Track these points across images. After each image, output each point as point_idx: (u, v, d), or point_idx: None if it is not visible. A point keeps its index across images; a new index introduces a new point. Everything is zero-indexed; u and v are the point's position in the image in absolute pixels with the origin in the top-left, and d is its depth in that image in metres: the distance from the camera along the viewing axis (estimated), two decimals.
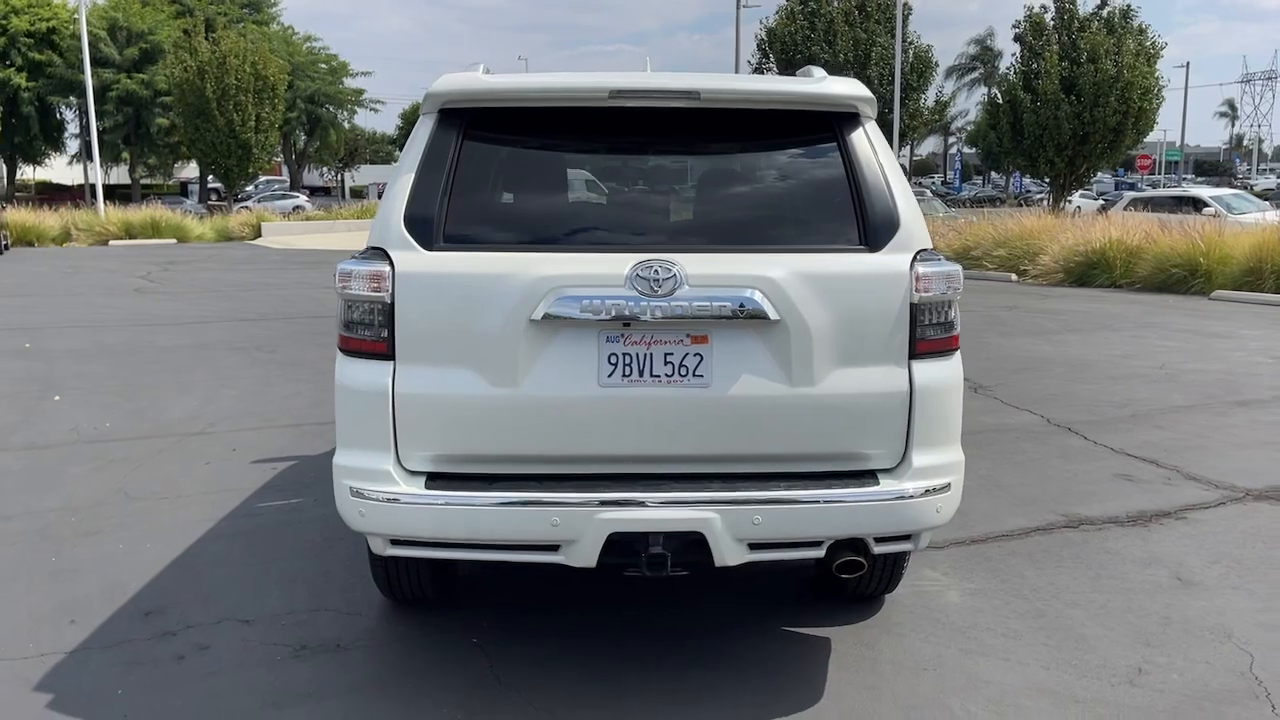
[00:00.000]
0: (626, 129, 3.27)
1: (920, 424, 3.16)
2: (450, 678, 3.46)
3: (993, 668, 3.54)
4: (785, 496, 3.05)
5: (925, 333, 3.18)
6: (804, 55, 32.51)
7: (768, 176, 3.41)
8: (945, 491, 3.19)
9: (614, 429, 3.08)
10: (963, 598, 4.14)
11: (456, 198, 3.14)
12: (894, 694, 3.36)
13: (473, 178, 3.19)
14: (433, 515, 3.04)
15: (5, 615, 3.90)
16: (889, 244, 3.16)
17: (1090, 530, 4.94)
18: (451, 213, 3.13)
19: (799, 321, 3.06)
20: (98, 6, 52.87)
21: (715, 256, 3.08)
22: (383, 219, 3.14)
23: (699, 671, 3.50)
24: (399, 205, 3.12)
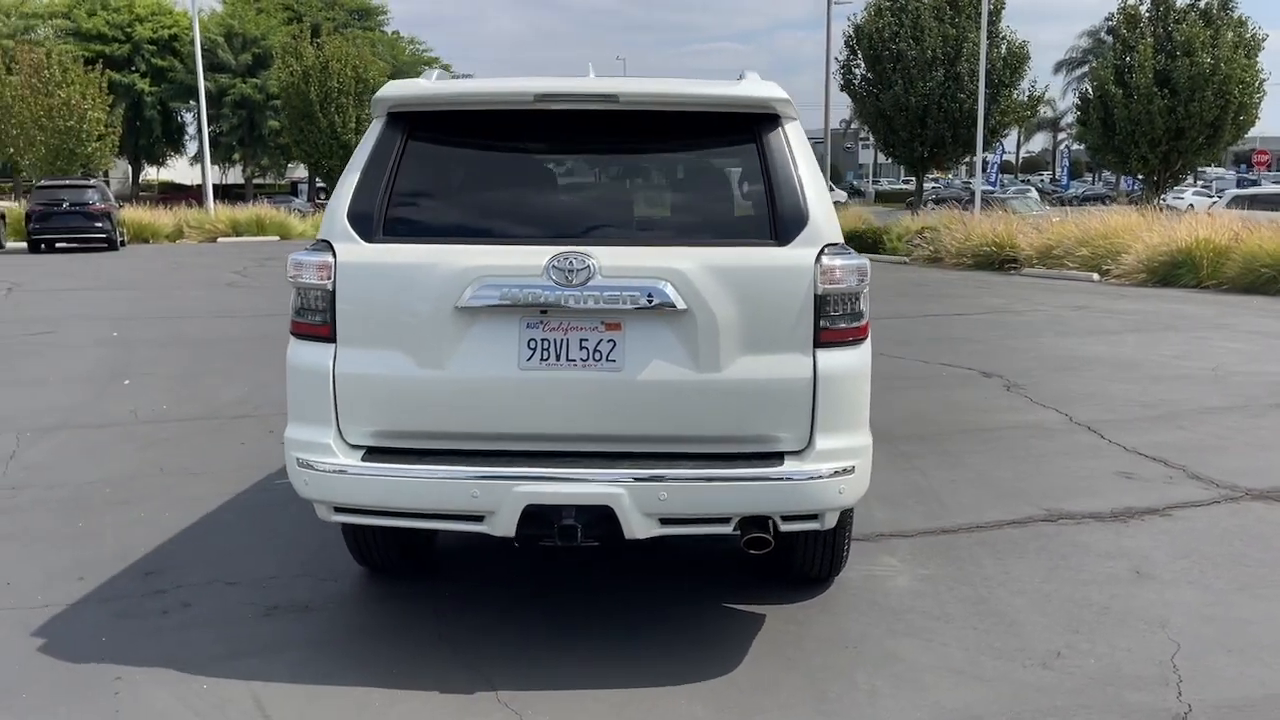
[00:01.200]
0: (555, 130, 3.52)
1: (824, 409, 3.33)
2: (400, 638, 3.76)
3: (912, 647, 3.67)
4: (689, 475, 3.26)
5: (830, 323, 3.35)
6: (891, 51, 32.22)
7: (685, 174, 3.62)
8: (849, 474, 3.35)
9: (532, 409, 3.33)
10: (911, 583, 4.27)
11: (397, 194, 3.44)
12: (808, 667, 3.52)
13: (413, 176, 3.47)
14: (366, 485, 3.34)
15: (25, 571, 4.34)
16: (797, 239, 3.34)
17: (1067, 524, 4.99)
18: (391, 208, 3.42)
19: (706, 311, 3.27)
20: (216, 14, 55.38)
21: (629, 249, 3.31)
22: (330, 213, 3.46)
23: (632, 641, 3.71)
24: (344, 201, 3.43)
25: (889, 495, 5.44)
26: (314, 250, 3.42)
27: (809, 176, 3.43)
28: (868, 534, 4.82)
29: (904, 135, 33.21)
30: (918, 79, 32.02)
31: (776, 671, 3.48)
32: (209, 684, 3.36)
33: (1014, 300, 14.82)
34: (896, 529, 4.91)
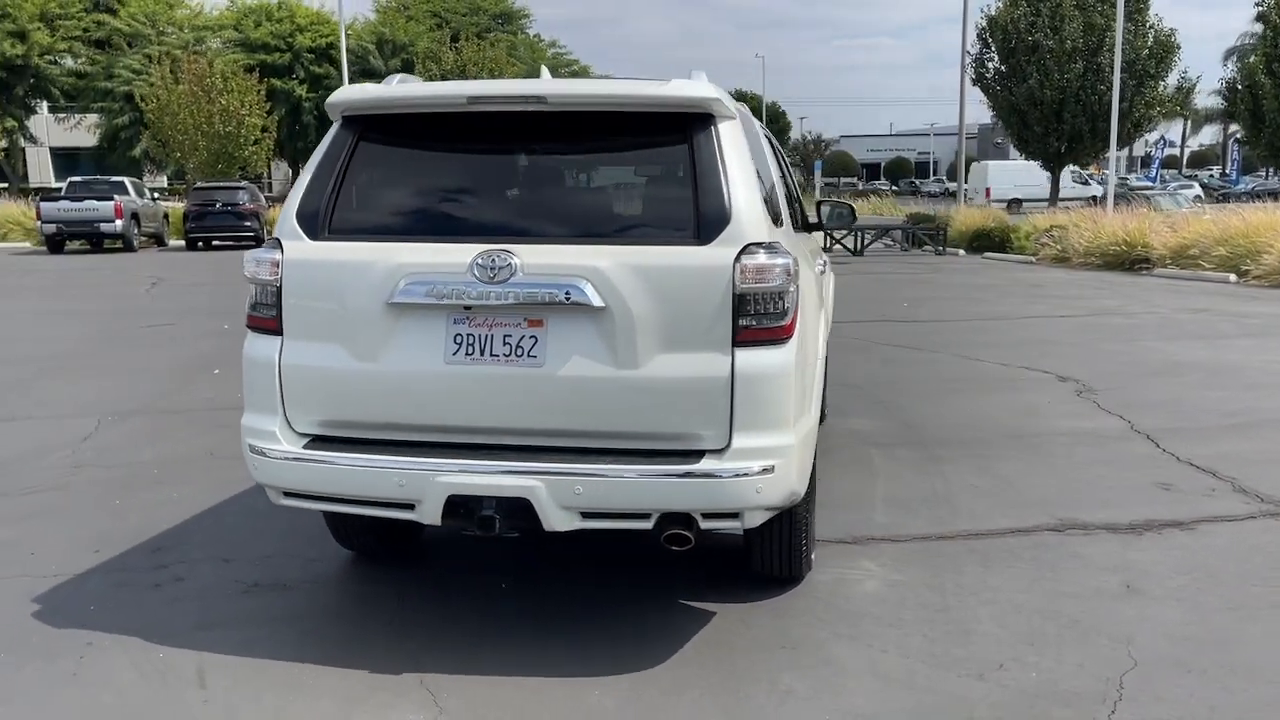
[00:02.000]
0: (491, 132, 3.63)
1: (742, 408, 3.33)
2: (358, 619, 3.95)
3: (850, 652, 3.63)
4: (605, 470, 3.31)
5: (749, 321, 3.34)
6: (1026, 43, 30.98)
7: (614, 174, 3.67)
8: (768, 474, 3.34)
9: (458, 402, 3.45)
10: (879, 588, 4.20)
11: (344, 194, 3.61)
12: (734, 666, 3.52)
13: (359, 177, 3.64)
14: (308, 472, 3.52)
15: (52, 542, 4.73)
16: (718, 238, 3.35)
17: (1074, 535, 4.79)
18: (338, 207, 3.60)
19: (624, 309, 3.31)
20: (369, 22, 57.76)
21: (552, 247, 3.39)
22: (283, 212, 3.66)
23: (572, 634, 3.77)
24: (295, 201, 3.63)
25: (899, 499, 5.35)
26: (267, 248, 3.63)
27: (739, 175, 3.43)
28: (858, 537, 4.76)
29: (1038, 130, 31.91)
30: (1054, 71, 30.69)
31: (701, 670, 3.50)
32: (165, 653, 3.61)
33: (1129, 302, 14.14)
34: (891, 533, 4.82)
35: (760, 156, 4.09)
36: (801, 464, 3.53)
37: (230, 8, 57.66)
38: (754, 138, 4.02)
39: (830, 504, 5.26)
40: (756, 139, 4.14)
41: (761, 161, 4.09)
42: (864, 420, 7.12)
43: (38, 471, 5.96)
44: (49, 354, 10.34)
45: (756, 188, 3.49)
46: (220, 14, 57.76)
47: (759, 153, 4.06)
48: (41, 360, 9.90)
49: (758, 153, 4.00)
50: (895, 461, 6.09)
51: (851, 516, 5.07)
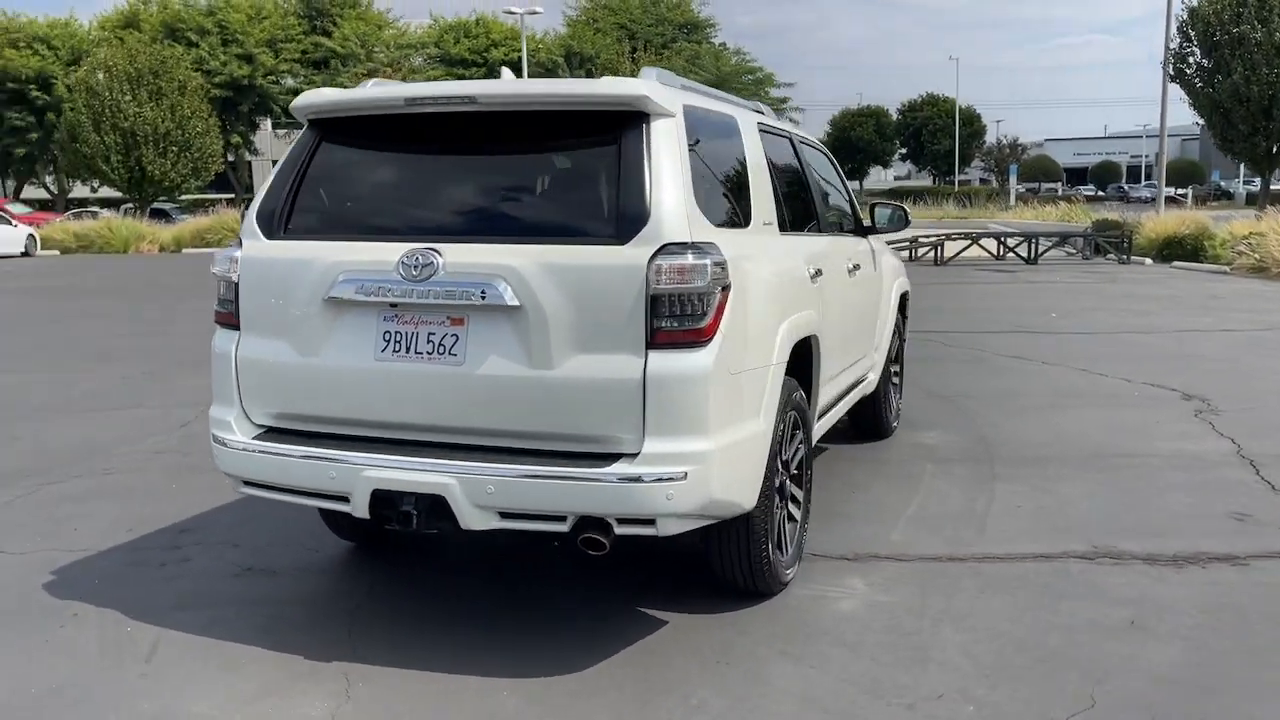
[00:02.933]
0: (432, 133, 3.67)
1: (654, 413, 3.24)
2: (326, 606, 4.07)
3: (786, 670, 3.46)
4: (517, 470, 3.29)
5: (664, 324, 3.25)
6: (1230, 36, 28.55)
7: (542, 172, 3.63)
8: (680, 480, 3.23)
9: (386, 398, 3.51)
10: (856, 608, 3.98)
11: (301, 195, 3.74)
12: (658, 676, 3.42)
13: (316, 177, 3.76)
14: (258, 463, 3.66)
15: (96, 521, 5.09)
16: (636, 237, 3.27)
17: (1104, 564, 4.40)
18: (295, 208, 3.73)
19: (538, 309, 3.29)
20: (560, 35, 59.50)
21: (474, 247, 3.40)
22: (249, 212, 3.82)
23: (512, 635, 3.75)
24: (257, 201, 3.78)
25: (928, 517, 5.06)
26: (233, 247, 3.80)
27: (667, 174, 3.34)
28: (860, 554, 4.54)
29: (1243, 129, 29.36)
30: (1261, 65, 28.16)
31: (620, 678, 3.42)
32: (132, 628, 3.83)
33: None
34: (899, 552, 4.56)
35: (728, 155, 3.97)
36: (727, 473, 3.39)
37: (432, 26, 60.68)
38: (716, 135, 3.91)
39: (850, 517, 5.04)
40: (726, 137, 4.01)
41: (729, 160, 3.97)
42: (938, 434, 6.77)
43: (125, 455, 6.44)
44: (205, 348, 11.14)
45: (687, 187, 3.38)
46: (424, 32, 60.86)
47: (724, 151, 3.95)
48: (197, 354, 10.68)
49: (719, 151, 3.89)
50: (946, 478, 5.76)
51: (866, 531, 4.83)
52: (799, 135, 5.26)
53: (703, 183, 3.59)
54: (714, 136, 3.89)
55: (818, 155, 5.63)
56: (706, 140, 3.78)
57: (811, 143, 5.63)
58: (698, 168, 3.59)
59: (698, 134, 3.66)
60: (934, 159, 76.68)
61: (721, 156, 3.93)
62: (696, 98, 3.85)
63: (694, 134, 3.61)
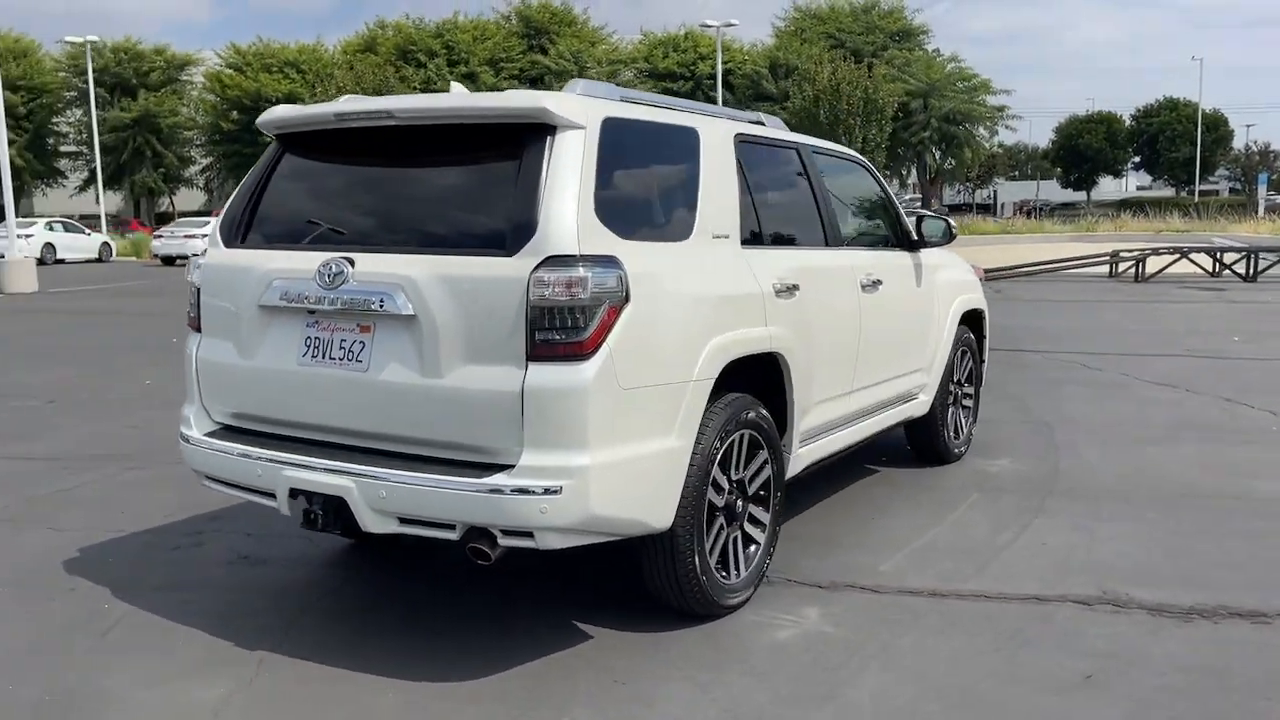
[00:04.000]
0: (361, 147, 3.81)
1: (531, 425, 3.23)
2: (285, 598, 4.26)
3: (677, 693, 3.36)
4: (407, 476, 3.36)
5: (545, 336, 3.23)
6: None
7: (450, 184, 3.66)
8: (554, 494, 3.21)
9: (306, 401, 3.66)
10: (791, 637, 3.81)
11: (259, 206, 3.96)
12: (546, 689, 3.40)
13: (273, 189, 3.97)
14: (207, 458, 3.90)
15: (143, 505, 5.53)
16: (523, 249, 3.27)
17: (1100, 612, 4.02)
18: (253, 218, 3.96)
19: (430, 318, 3.35)
20: (767, 47, 59.42)
21: (381, 256, 3.50)
22: (217, 221, 4.08)
23: (429, 640, 3.80)
24: (223, 211, 4.03)
25: (933, 548, 4.77)
26: (199, 256, 4.07)
27: (562, 186, 3.32)
28: (835, 583, 4.34)
29: None
30: None
31: (508, 688, 3.41)
32: (109, 605, 4.15)
33: None
34: (879, 584, 4.32)
35: (672, 167, 3.90)
36: (615, 489, 3.33)
37: (642, 41, 61.98)
38: (656, 146, 3.85)
39: (850, 545, 4.82)
40: (672, 148, 3.94)
41: (673, 172, 3.90)
42: (1008, 462, 6.34)
43: None
44: None
45: (586, 199, 3.34)
46: (634, 47, 62.24)
47: (666, 163, 3.88)
48: None
49: (658, 163, 3.83)
50: (983, 509, 5.40)
51: (859, 560, 4.60)
52: (815, 147, 5.08)
53: (619, 195, 3.55)
54: (652, 148, 3.83)
55: (843, 168, 5.42)
56: (638, 152, 3.73)
57: (838, 155, 5.43)
58: (615, 180, 3.55)
59: (624, 146, 3.62)
60: (1171, 167, 71.44)
61: (661, 168, 3.87)
62: (629, 109, 3.80)
63: (617, 146, 3.57)
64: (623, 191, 3.58)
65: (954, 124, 56.01)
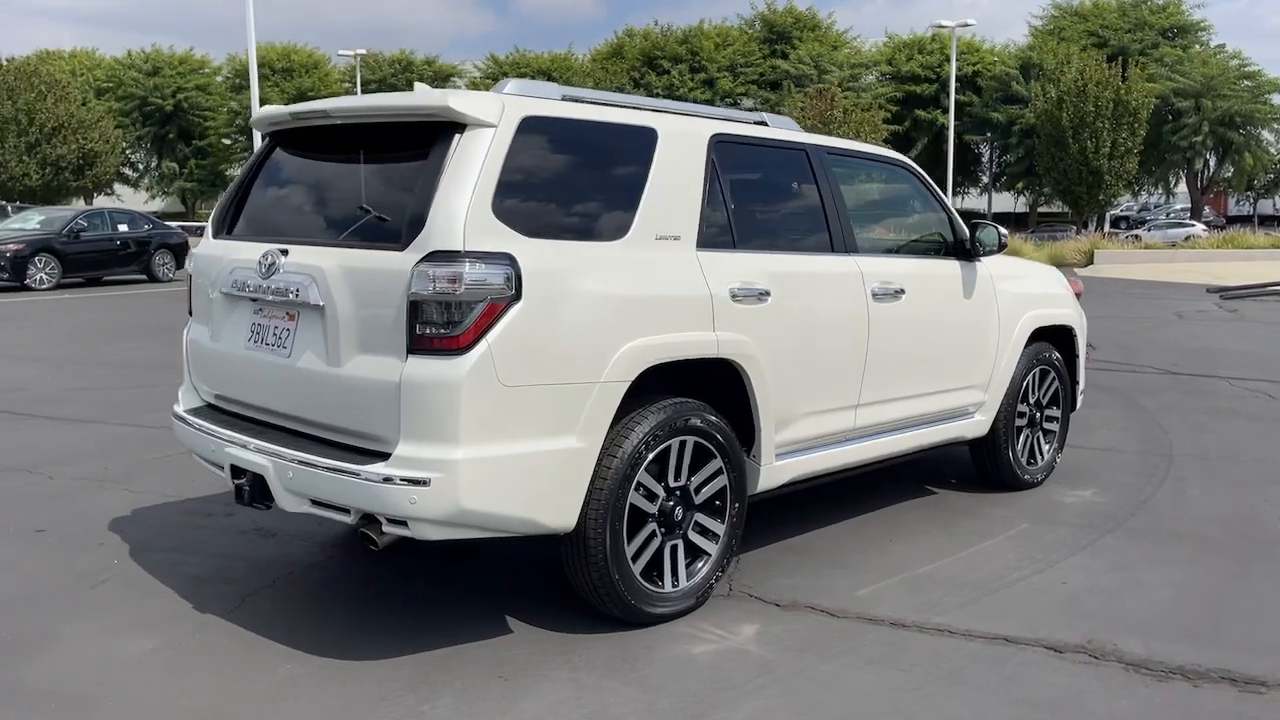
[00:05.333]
0: (319, 144, 3.99)
1: (406, 416, 3.29)
2: (270, 566, 4.52)
3: (550, 696, 3.32)
4: (307, 459, 3.51)
5: (423, 330, 3.29)
6: None
7: (374, 180, 3.76)
8: (423, 485, 3.25)
9: (250, 384, 3.89)
10: (704, 653, 3.67)
11: (245, 199, 4.24)
12: (425, 678, 3.43)
13: (257, 184, 4.23)
14: (185, 435, 4.22)
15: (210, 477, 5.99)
16: (411, 243, 3.34)
17: (1069, 660, 3.63)
18: (237, 210, 4.23)
19: (334, 308, 3.50)
20: (1020, 48, 56.54)
21: (306, 248, 3.67)
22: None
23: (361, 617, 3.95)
24: (217, 204, 4.33)
25: (933, 577, 4.46)
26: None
27: (458, 182, 3.36)
28: (795, 602, 4.15)
29: None
30: None
31: (400, 673, 3.48)
32: (120, 560, 4.55)
33: None
34: (842, 607, 4.08)
35: (612, 166, 3.85)
36: (494, 486, 3.33)
37: (887, 43, 60.52)
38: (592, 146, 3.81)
39: (844, 565, 4.60)
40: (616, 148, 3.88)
41: (613, 172, 3.85)
42: (1092, 492, 5.79)
43: None
44: None
45: (484, 196, 3.36)
46: (878, 50, 60.88)
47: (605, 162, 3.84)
48: None
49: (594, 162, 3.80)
50: (1024, 541, 4.97)
51: (838, 582, 4.36)
52: (832, 149, 4.82)
53: (531, 193, 3.55)
54: (587, 148, 3.80)
55: (874, 171, 5.15)
56: (567, 152, 3.72)
57: (870, 157, 5.16)
58: (530, 178, 3.56)
59: (547, 145, 3.63)
60: None
61: (597, 168, 3.83)
62: (564, 109, 3.77)
63: (537, 145, 3.58)
64: (537, 190, 3.58)
65: (1232, 127, 50.92)
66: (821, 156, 4.69)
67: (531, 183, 3.57)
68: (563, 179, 3.72)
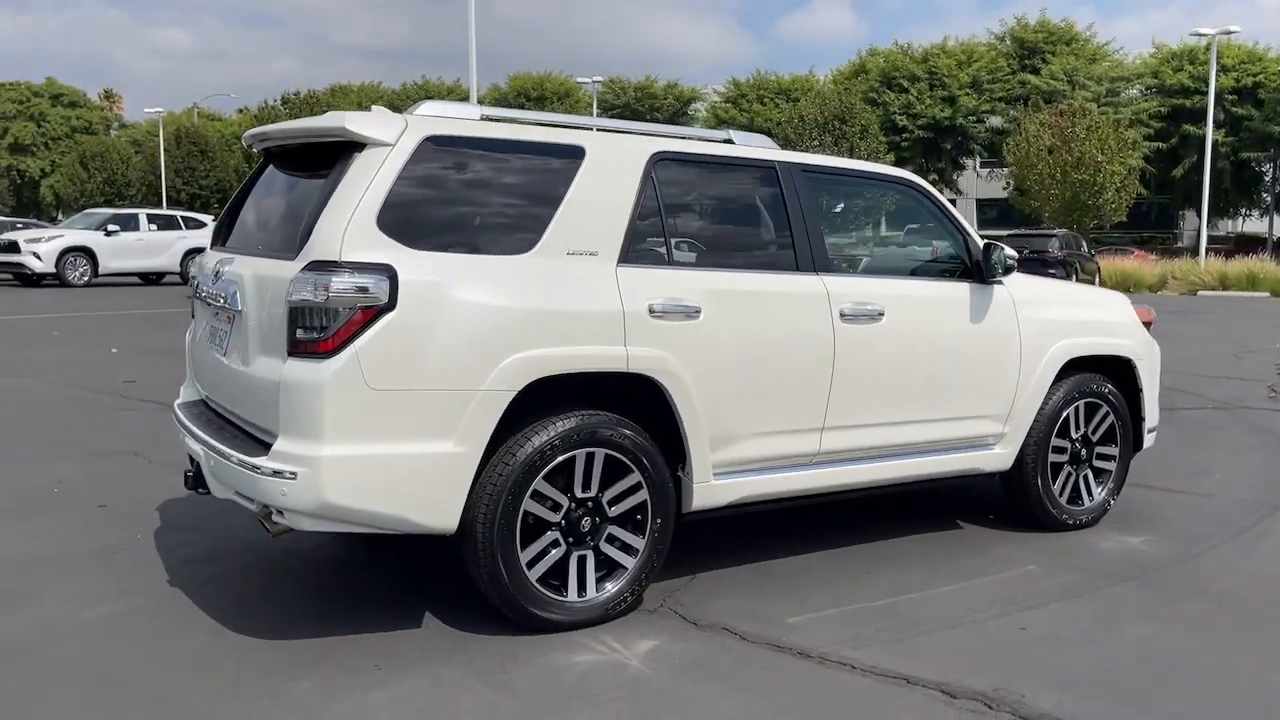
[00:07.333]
0: (279, 163, 4.33)
1: (284, 414, 3.54)
2: (250, 550, 4.89)
3: (409, 685, 3.45)
4: (219, 449, 3.84)
5: (300, 334, 3.53)
6: None
7: (298, 195, 4.02)
8: (289, 479, 3.49)
9: (209, 380, 4.28)
10: (581, 662, 3.68)
11: (233, 213, 4.65)
12: (323, 665, 3.64)
13: (245, 200, 4.62)
14: (176, 426, 4.66)
15: None
16: (299, 254, 3.60)
17: (990, 714, 3.39)
18: (229, 224, 4.65)
19: (247, 313, 3.84)
20: None
21: (241, 258, 4.02)
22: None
23: (309, 605, 4.23)
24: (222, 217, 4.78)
25: (879, 611, 4.26)
26: None
27: (344, 197, 3.58)
28: (714, 623, 4.07)
29: None
30: None
31: (279, 656, 3.70)
32: (141, 536, 5.07)
33: None
34: (759, 632, 3.97)
35: (522, 183, 3.94)
36: (362, 483, 3.50)
37: (1153, 54, 56.34)
38: (499, 163, 3.91)
39: (789, 591, 4.48)
40: (529, 164, 3.97)
41: (523, 188, 3.94)
42: (1142, 540, 5.27)
43: None
44: None
45: (368, 210, 3.55)
46: (1142, 62, 56.81)
47: (514, 180, 3.94)
48: None
49: (502, 180, 3.92)
50: (1015, 584, 4.61)
51: (774, 607, 4.23)
52: (810, 166, 4.64)
53: (423, 208, 3.71)
54: (498, 166, 3.91)
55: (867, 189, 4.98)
56: (474, 169, 3.85)
57: (864, 176, 4.97)
58: (425, 194, 3.72)
59: (449, 163, 3.78)
60: None
61: (508, 185, 3.93)
62: (475, 128, 3.89)
63: (437, 163, 3.75)
64: (433, 205, 3.74)
65: None
66: (793, 174, 4.57)
67: (428, 198, 3.74)
68: (465, 195, 3.86)
